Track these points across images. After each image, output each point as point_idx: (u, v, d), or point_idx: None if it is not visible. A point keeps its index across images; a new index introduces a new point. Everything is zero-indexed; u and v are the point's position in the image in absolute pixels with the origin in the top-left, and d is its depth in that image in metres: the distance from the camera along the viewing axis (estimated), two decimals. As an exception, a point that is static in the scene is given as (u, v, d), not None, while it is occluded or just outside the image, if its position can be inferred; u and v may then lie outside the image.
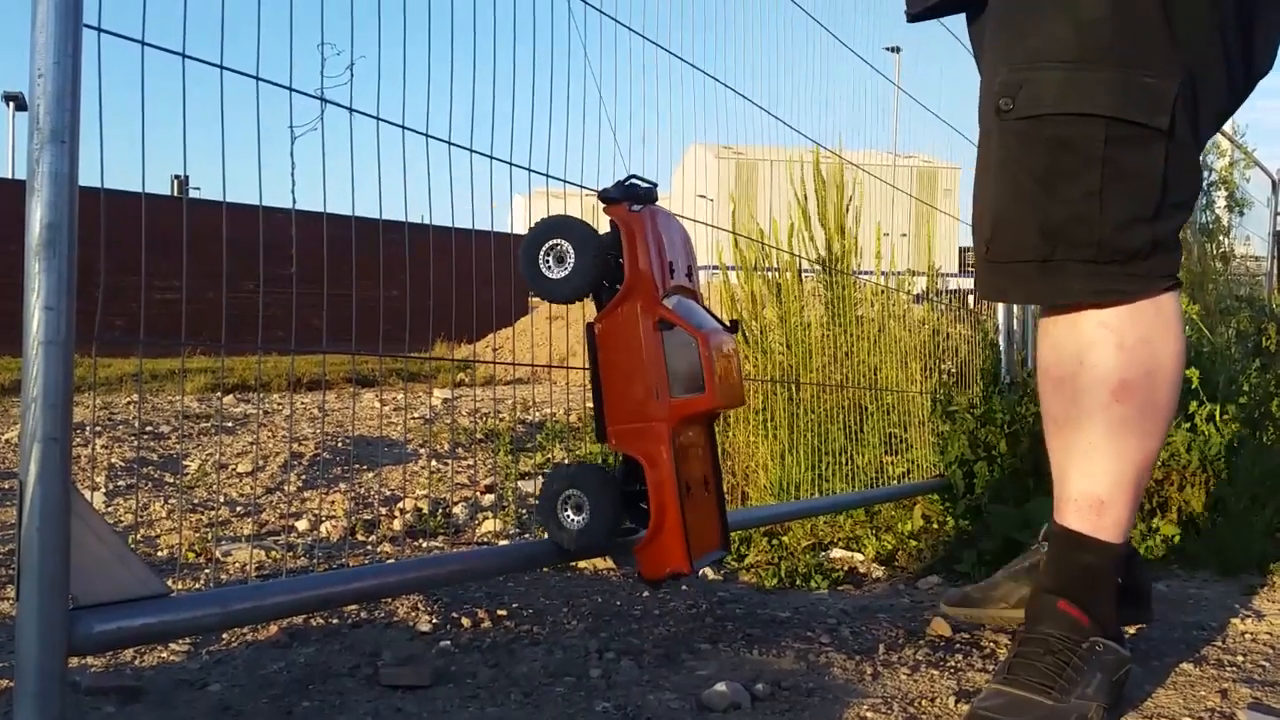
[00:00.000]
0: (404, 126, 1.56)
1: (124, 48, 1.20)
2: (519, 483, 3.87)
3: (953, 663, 1.71)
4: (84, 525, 1.12)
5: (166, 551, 2.75)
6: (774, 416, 3.19)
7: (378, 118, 1.51)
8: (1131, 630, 1.78)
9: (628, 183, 1.61)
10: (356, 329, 1.64)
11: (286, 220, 1.45)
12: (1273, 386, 2.99)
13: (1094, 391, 1.42)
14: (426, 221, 1.69)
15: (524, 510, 3.32)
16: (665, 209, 1.68)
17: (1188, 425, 2.70)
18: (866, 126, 3.12)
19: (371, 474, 4.10)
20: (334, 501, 3.49)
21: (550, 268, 1.59)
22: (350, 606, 1.92)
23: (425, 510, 3.28)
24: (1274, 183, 11.05)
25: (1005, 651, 1.77)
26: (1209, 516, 2.59)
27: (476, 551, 2.16)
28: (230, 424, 5.59)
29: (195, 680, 1.58)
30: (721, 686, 1.50)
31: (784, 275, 3.38)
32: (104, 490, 3.52)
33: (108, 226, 1.11)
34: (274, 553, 2.68)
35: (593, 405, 1.61)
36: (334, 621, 1.88)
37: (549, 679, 1.59)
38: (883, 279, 3.42)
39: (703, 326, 1.57)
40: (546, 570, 2.31)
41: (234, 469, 4.12)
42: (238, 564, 2.55)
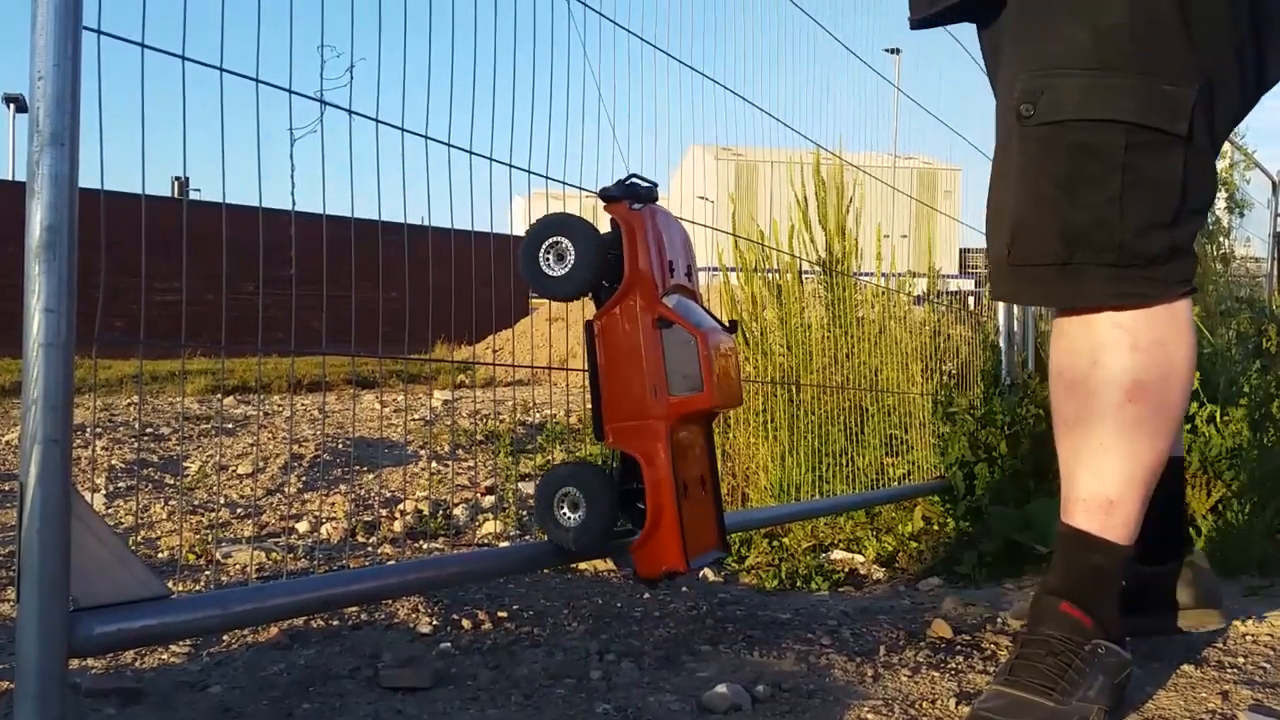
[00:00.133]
0: (403, 129, 1.56)
1: (124, 50, 1.20)
2: (519, 484, 3.87)
3: (953, 664, 1.71)
4: (84, 527, 1.12)
5: (167, 553, 2.75)
6: (774, 418, 3.19)
7: (377, 120, 1.51)
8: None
9: (628, 181, 1.62)
10: (356, 330, 1.64)
11: (286, 222, 1.45)
12: (1273, 388, 2.99)
13: (1107, 391, 1.42)
14: (426, 223, 1.69)
15: (524, 512, 3.32)
16: (665, 209, 1.68)
17: (1188, 427, 2.70)
18: (866, 128, 3.12)
19: (372, 475, 4.10)
20: (334, 503, 3.49)
21: (550, 266, 1.59)
22: (350, 608, 1.92)
23: (425, 512, 3.28)
24: (1274, 184, 11.05)
25: (1006, 653, 1.77)
26: (1209, 518, 2.59)
27: (477, 553, 2.16)
28: (230, 425, 5.59)
29: (196, 682, 1.58)
30: (722, 688, 1.50)
31: (784, 277, 3.38)
32: (104, 492, 3.52)
33: (108, 228, 1.11)
34: (274, 554, 2.68)
35: (591, 403, 1.61)
36: (334, 623, 1.88)
37: (549, 681, 1.59)
38: (883, 280, 3.42)
39: (701, 325, 1.57)
40: (547, 572, 2.31)
41: (234, 470, 4.12)
42: (238, 566, 2.55)
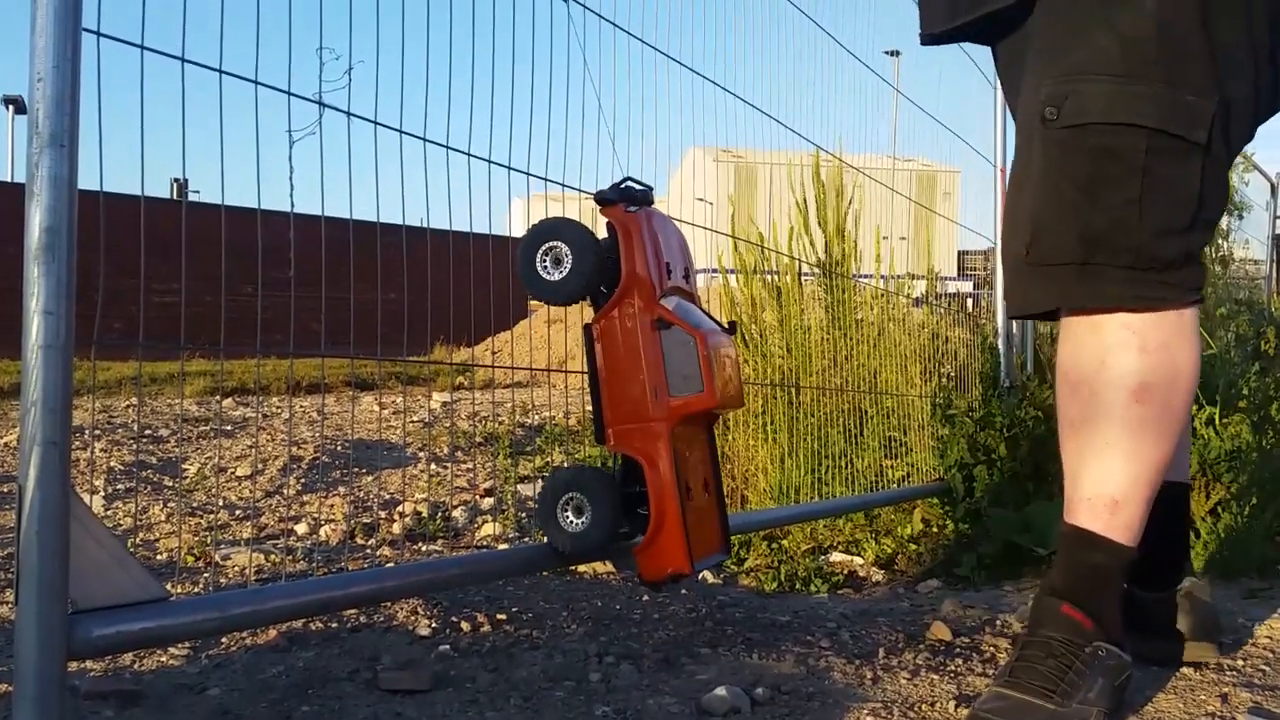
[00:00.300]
0: (402, 131, 1.56)
1: (123, 51, 1.20)
2: (518, 486, 3.87)
3: (953, 667, 1.71)
4: (83, 529, 1.11)
5: (165, 555, 2.75)
6: (774, 420, 3.19)
7: (376, 122, 1.51)
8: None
9: (623, 184, 1.62)
10: (355, 332, 1.64)
11: (285, 224, 1.45)
12: (1272, 390, 2.99)
13: (1114, 391, 1.44)
14: (425, 225, 1.69)
15: (523, 514, 3.32)
16: (661, 211, 1.68)
17: (1187, 429, 2.70)
18: (866, 130, 3.12)
19: (370, 477, 4.09)
20: (333, 505, 3.48)
21: (548, 269, 1.59)
22: (349, 610, 1.92)
23: (424, 514, 3.28)
24: (1273, 186, 11.06)
25: (1006, 656, 1.77)
26: (1208, 520, 2.59)
27: (476, 555, 2.16)
28: (229, 427, 5.59)
29: (194, 684, 1.58)
30: (721, 691, 1.50)
31: (783, 279, 3.38)
32: (103, 494, 3.52)
33: (107, 230, 1.11)
34: (273, 556, 2.68)
35: (591, 406, 1.61)
36: (333, 625, 1.88)
37: (549, 683, 1.59)
38: (882, 282, 3.42)
39: (701, 326, 1.57)
40: (546, 574, 2.31)
41: (233, 472, 4.11)
42: (237, 568, 2.54)
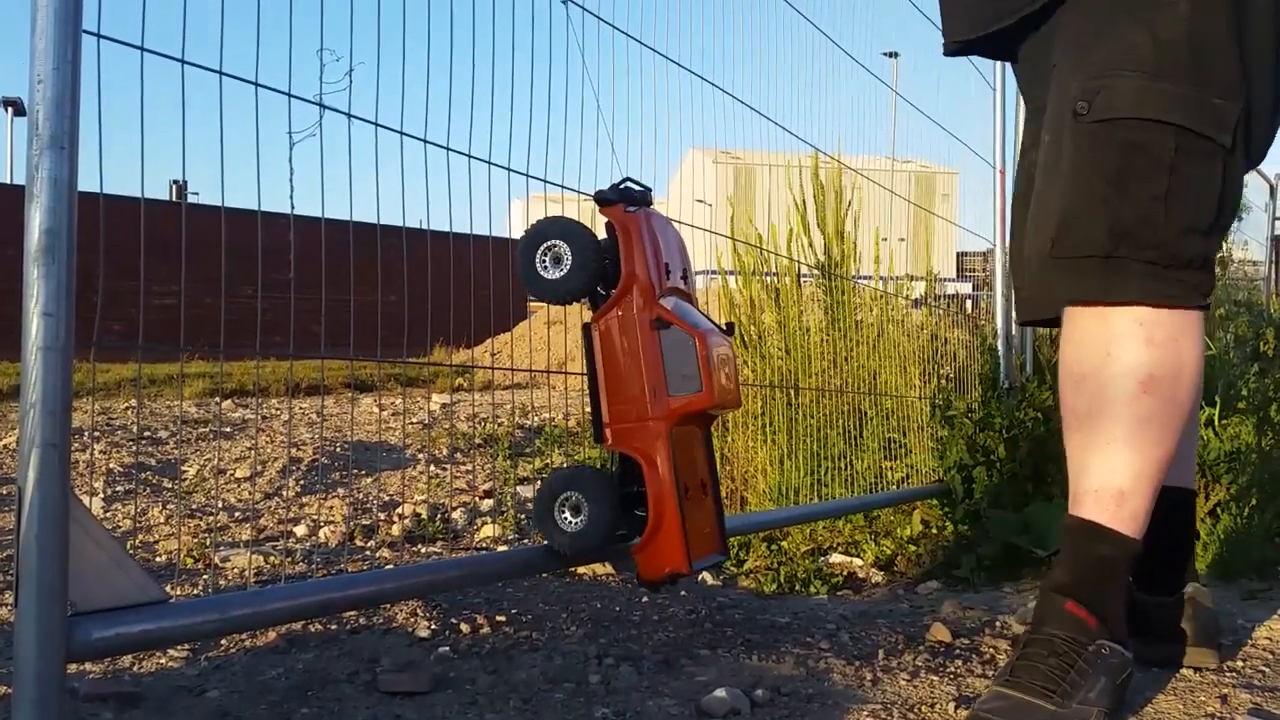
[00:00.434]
0: (402, 132, 1.56)
1: (123, 53, 1.20)
2: (518, 488, 3.87)
3: (952, 668, 1.71)
4: (82, 531, 1.11)
5: (165, 557, 2.75)
6: (773, 421, 3.19)
7: (376, 123, 1.51)
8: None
9: (623, 185, 1.62)
10: (355, 334, 1.64)
11: (285, 225, 1.44)
12: (1271, 391, 2.99)
13: (1121, 383, 1.44)
14: (425, 227, 1.69)
15: (523, 515, 3.32)
16: (660, 212, 1.68)
17: (1186, 430, 2.70)
18: (864, 132, 3.13)
19: (370, 479, 4.09)
20: (332, 507, 3.48)
21: (547, 268, 1.59)
22: (349, 612, 1.92)
23: (424, 515, 3.28)
24: (1271, 188, 11.06)
25: (1005, 657, 1.77)
26: (1208, 522, 2.59)
27: (475, 557, 2.16)
28: (229, 429, 5.59)
29: (194, 686, 1.58)
30: (721, 692, 1.50)
31: (783, 280, 3.38)
32: (103, 496, 3.52)
33: (107, 231, 1.11)
34: (272, 558, 2.68)
35: (590, 406, 1.61)
36: (333, 627, 1.88)
37: (548, 685, 1.59)
38: (881, 284, 3.42)
39: (699, 326, 1.57)
40: (546, 576, 2.30)
41: (232, 474, 4.11)
42: (236, 569, 2.54)
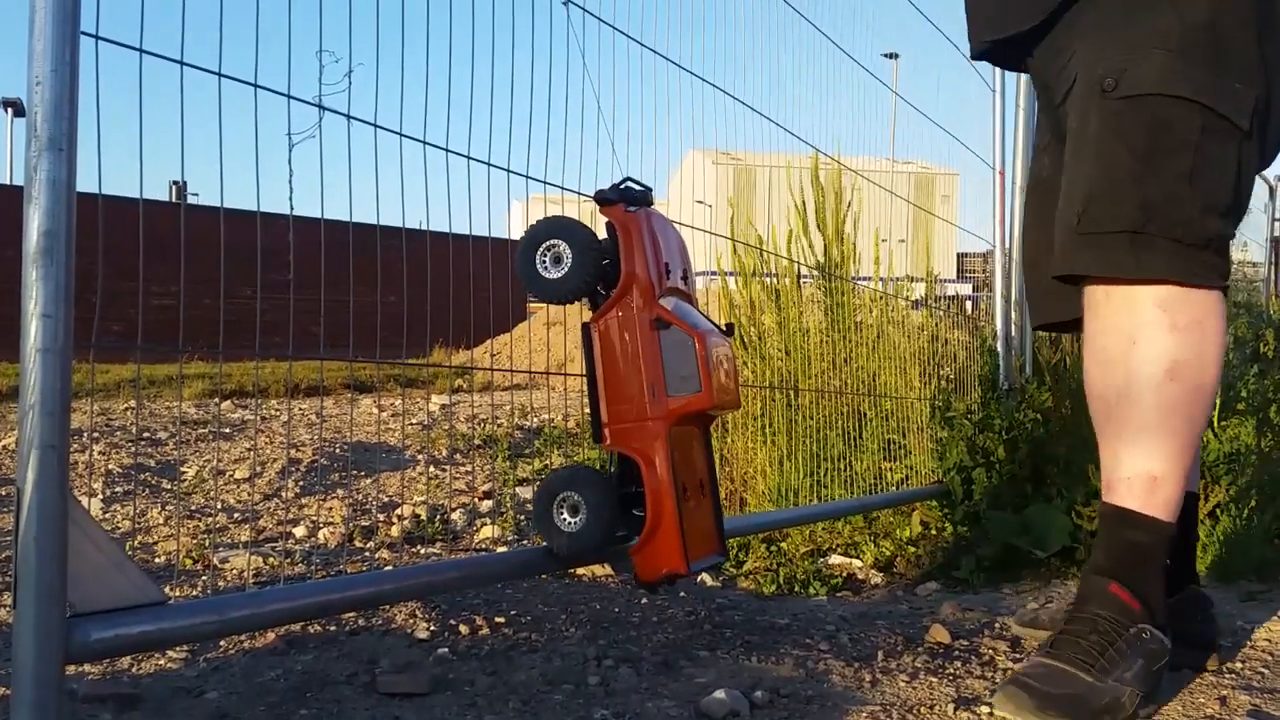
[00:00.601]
0: (401, 133, 1.56)
1: (122, 54, 1.20)
2: (517, 489, 3.87)
3: (951, 670, 1.70)
4: (81, 533, 1.11)
5: (164, 558, 2.74)
6: (772, 422, 3.19)
7: (375, 124, 1.51)
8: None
9: (623, 185, 1.62)
10: (354, 335, 1.64)
11: (284, 226, 1.45)
12: (1270, 392, 2.99)
13: (1147, 371, 1.45)
14: (424, 228, 1.69)
15: (522, 516, 3.32)
16: (660, 212, 1.68)
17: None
18: (864, 133, 3.13)
19: (369, 480, 4.09)
20: (332, 508, 3.48)
21: (547, 268, 1.59)
22: (348, 614, 1.92)
23: (423, 516, 3.28)
24: (1271, 189, 11.05)
25: (1004, 659, 1.77)
26: (1207, 523, 2.59)
27: (474, 559, 2.16)
28: (228, 430, 5.59)
29: (193, 688, 1.58)
30: (720, 694, 1.50)
31: (782, 281, 3.38)
32: (101, 497, 3.52)
33: (106, 232, 1.11)
34: (272, 559, 2.67)
35: (589, 405, 1.61)
36: (332, 629, 1.88)
37: (547, 686, 1.58)
38: (881, 285, 3.42)
39: (699, 326, 1.57)
40: (545, 577, 2.30)
41: (231, 475, 4.11)
42: (235, 571, 2.54)
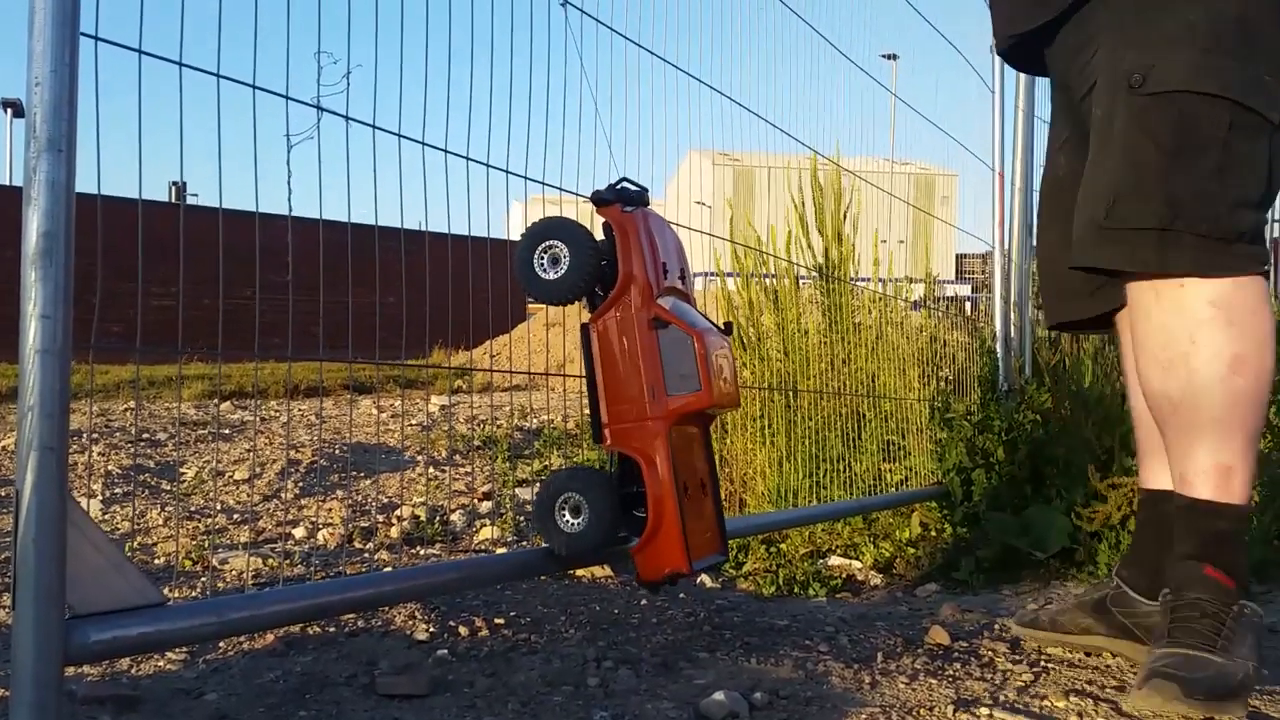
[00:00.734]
0: (400, 135, 1.56)
1: (121, 55, 1.20)
2: (517, 490, 3.87)
3: (951, 671, 1.70)
4: (80, 534, 1.11)
5: (163, 559, 2.74)
6: (772, 424, 3.19)
7: (374, 126, 1.51)
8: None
9: (619, 185, 1.62)
10: (354, 336, 1.64)
11: (283, 227, 1.45)
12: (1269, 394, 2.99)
13: (1210, 368, 1.48)
14: (423, 228, 1.69)
15: (522, 517, 3.32)
16: (657, 213, 1.68)
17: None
18: (864, 134, 3.13)
19: (369, 481, 4.09)
20: (331, 509, 3.48)
21: (545, 269, 1.59)
22: (347, 615, 1.92)
23: (423, 518, 3.28)
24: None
25: (1003, 660, 1.77)
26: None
27: (474, 560, 2.16)
28: (227, 431, 5.58)
29: (192, 689, 1.58)
30: (719, 695, 1.50)
31: (781, 282, 3.38)
32: (101, 498, 3.51)
33: (105, 233, 1.11)
34: (271, 560, 2.67)
35: (589, 406, 1.61)
36: (331, 630, 1.88)
37: (546, 688, 1.58)
38: (880, 286, 3.43)
39: (697, 325, 1.57)
40: (544, 578, 2.30)
41: (231, 476, 4.11)
42: (234, 572, 2.54)
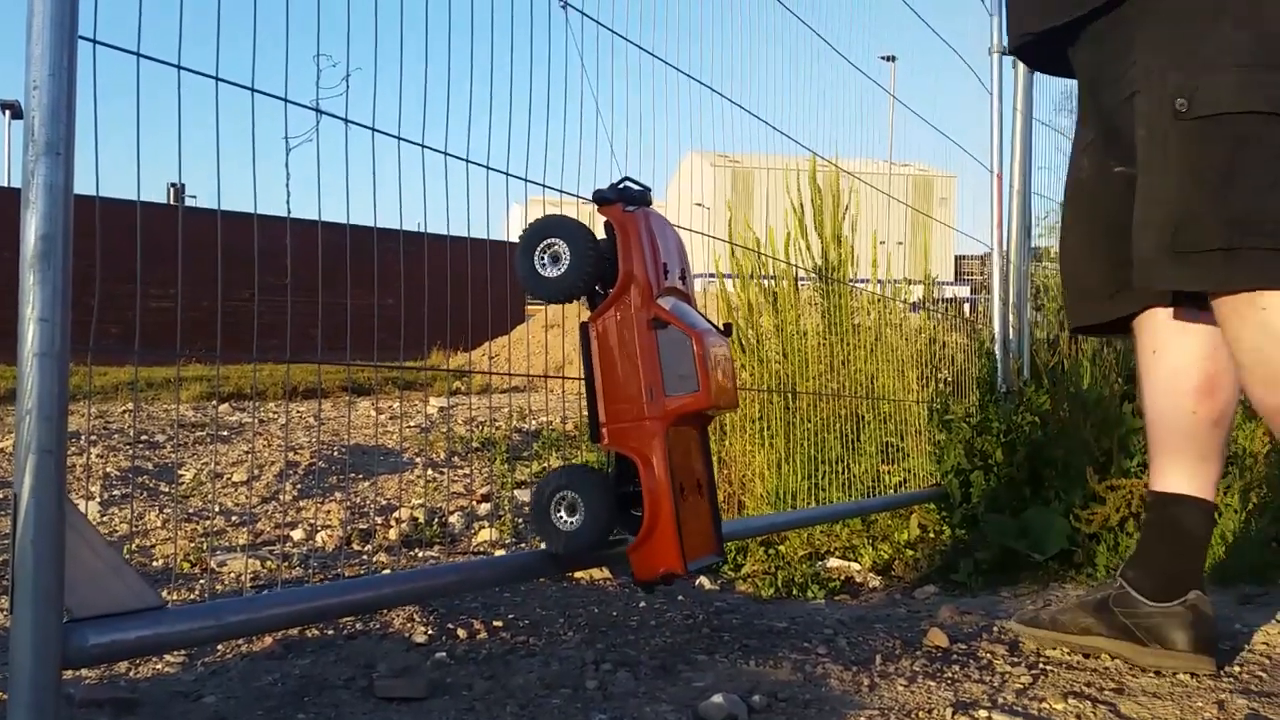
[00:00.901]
0: (399, 137, 1.56)
1: (120, 59, 1.20)
2: (515, 492, 3.86)
3: (950, 673, 1.70)
4: (78, 537, 1.11)
5: (161, 562, 2.74)
6: (770, 425, 3.19)
7: (373, 128, 1.51)
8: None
9: (621, 184, 1.62)
10: (352, 337, 1.64)
11: (282, 229, 1.44)
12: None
13: None
14: (422, 230, 1.69)
15: (520, 519, 3.32)
16: (659, 213, 1.68)
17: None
18: (862, 135, 3.13)
19: (367, 483, 4.09)
20: (329, 511, 3.48)
21: (545, 267, 1.59)
22: (345, 618, 1.91)
23: (421, 520, 3.28)
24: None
25: (1002, 662, 1.77)
26: (1205, 526, 2.59)
27: (472, 562, 2.16)
28: (225, 433, 5.58)
29: (190, 692, 1.58)
30: (718, 698, 1.50)
31: (780, 284, 3.38)
32: (99, 500, 3.51)
33: (103, 235, 1.11)
34: (269, 563, 2.67)
35: (587, 405, 1.61)
36: (329, 632, 1.88)
37: (545, 690, 1.58)
38: (879, 287, 3.43)
39: (696, 326, 1.57)
40: (543, 580, 2.30)
41: (229, 478, 4.11)
42: (233, 574, 2.54)
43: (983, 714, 1.49)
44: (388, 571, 2.53)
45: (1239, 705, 1.55)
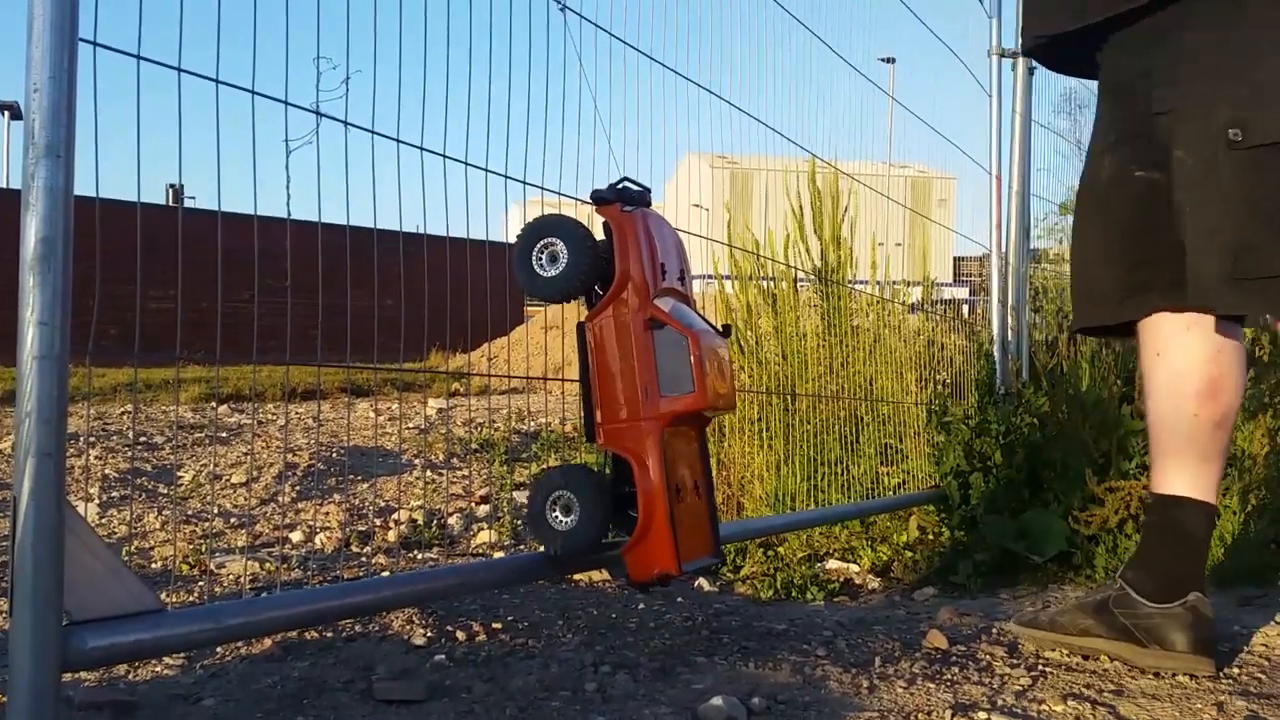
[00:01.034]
0: (399, 140, 1.56)
1: (120, 61, 1.20)
2: (514, 493, 3.86)
3: (949, 675, 1.70)
4: (78, 540, 1.11)
5: (160, 564, 2.74)
6: (769, 427, 3.19)
7: (373, 131, 1.51)
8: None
9: (620, 184, 1.62)
10: (351, 339, 1.64)
11: (282, 231, 1.44)
12: (1266, 397, 3.00)
13: None
14: (422, 232, 1.69)
15: (519, 521, 3.32)
16: (658, 213, 1.68)
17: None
18: (861, 137, 3.13)
19: (366, 485, 4.09)
20: (328, 513, 3.48)
21: (543, 266, 1.59)
22: (344, 620, 1.91)
23: (420, 521, 3.28)
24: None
25: (1001, 664, 1.77)
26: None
27: (471, 564, 2.16)
28: (224, 434, 5.58)
29: (189, 695, 1.58)
30: (717, 700, 1.50)
31: (779, 285, 3.38)
32: (98, 501, 3.51)
33: (103, 236, 1.11)
34: (268, 565, 2.67)
35: (583, 405, 1.61)
36: (328, 635, 1.88)
37: (544, 693, 1.58)
38: (878, 289, 3.43)
39: (693, 327, 1.57)
40: (542, 582, 2.30)
41: (228, 480, 4.11)
42: (232, 576, 2.54)
43: (982, 716, 1.49)
44: (387, 574, 2.53)
45: (1238, 707, 1.55)
